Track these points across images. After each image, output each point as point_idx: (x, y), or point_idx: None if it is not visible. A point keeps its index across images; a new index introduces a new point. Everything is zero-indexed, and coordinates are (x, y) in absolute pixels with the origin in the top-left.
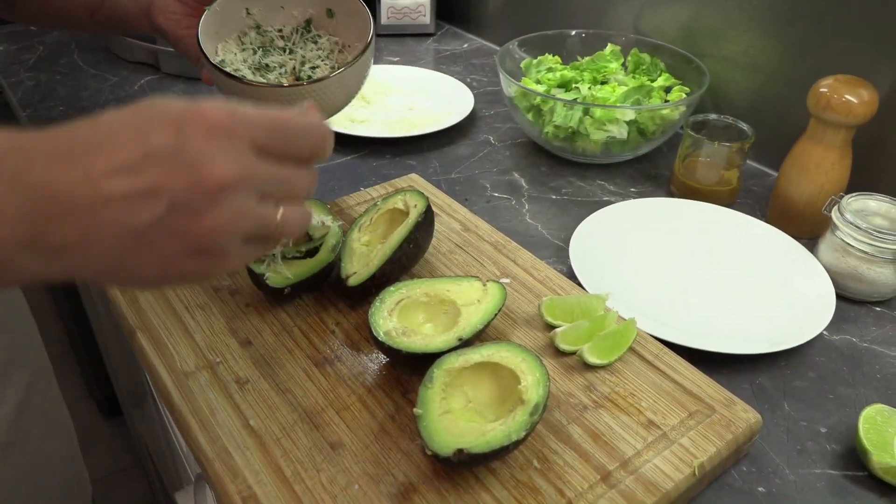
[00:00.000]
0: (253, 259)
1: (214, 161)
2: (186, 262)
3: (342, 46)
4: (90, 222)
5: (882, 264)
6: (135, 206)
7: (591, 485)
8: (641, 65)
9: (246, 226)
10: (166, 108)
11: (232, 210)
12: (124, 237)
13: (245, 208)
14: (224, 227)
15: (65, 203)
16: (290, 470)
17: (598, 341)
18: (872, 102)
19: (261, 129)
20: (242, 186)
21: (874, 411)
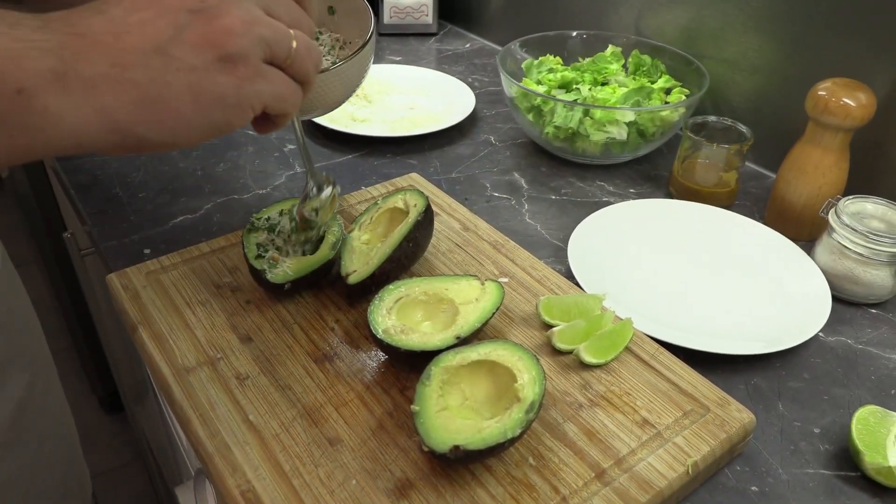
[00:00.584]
0: (282, 95)
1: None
2: (216, 77)
3: (343, 43)
4: (115, 50)
5: (878, 267)
6: (153, 24)
7: (586, 482)
8: (642, 66)
9: (263, 30)
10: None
11: (246, 11)
12: (151, 56)
13: (257, 13)
14: (242, 26)
15: (90, 38)
16: (288, 465)
17: (595, 341)
18: (870, 106)
19: None
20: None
21: (867, 412)
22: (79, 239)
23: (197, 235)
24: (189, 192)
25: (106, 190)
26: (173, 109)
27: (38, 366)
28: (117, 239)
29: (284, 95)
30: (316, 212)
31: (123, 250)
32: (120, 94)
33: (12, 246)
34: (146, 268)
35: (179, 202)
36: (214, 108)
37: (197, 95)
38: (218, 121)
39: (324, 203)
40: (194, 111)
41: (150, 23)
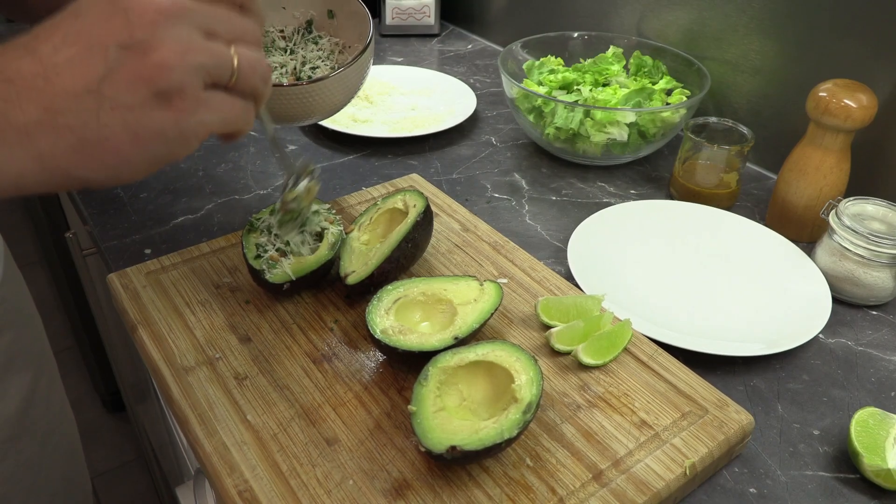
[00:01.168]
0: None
1: None
2: (154, 113)
3: (343, 47)
4: (46, 94)
5: (879, 268)
6: (82, 62)
7: (583, 483)
8: (643, 67)
9: (199, 58)
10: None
11: (178, 40)
12: (84, 98)
13: (191, 38)
14: (175, 58)
15: (20, 83)
16: (286, 465)
17: (593, 342)
18: (871, 107)
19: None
20: (180, 15)
21: (866, 414)
22: (80, 239)
23: (198, 236)
24: (190, 192)
25: (107, 190)
26: (112, 150)
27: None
28: (118, 239)
29: (230, 119)
30: (297, 200)
31: (124, 250)
32: (56, 140)
33: (16, 245)
34: (146, 268)
35: (181, 202)
36: (155, 143)
37: (135, 134)
38: (161, 155)
39: (301, 192)
40: (134, 149)
41: (79, 61)
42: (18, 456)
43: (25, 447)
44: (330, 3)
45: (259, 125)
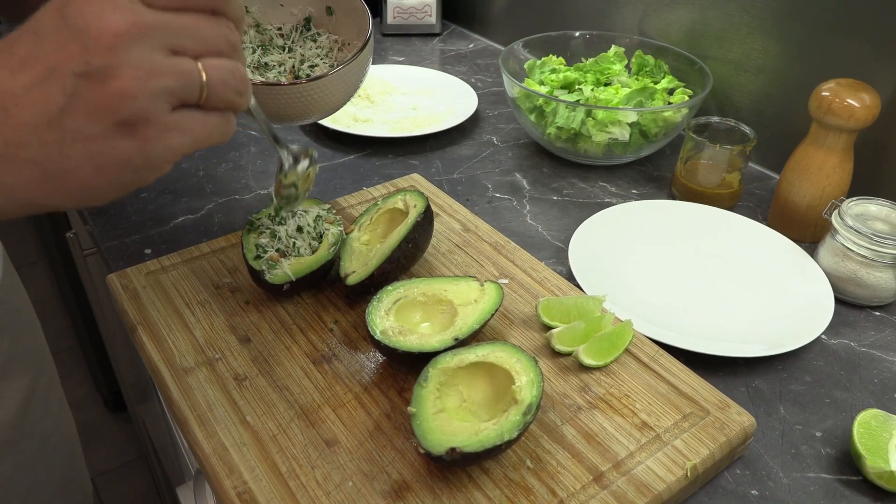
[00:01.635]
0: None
1: (102, 16)
2: (118, 143)
3: (342, 44)
4: (7, 127)
5: (882, 269)
6: (41, 91)
7: (584, 485)
8: (645, 66)
9: (162, 82)
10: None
11: (138, 65)
12: (44, 131)
13: (153, 60)
14: (136, 85)
15: None
16: (285, 466)
17: (594, 343)
18: (874, 106)
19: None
20: (139, 36)
21: (869, 416)
22: (81, 239)
23: (198, 236)
24: (191, 192)
25: None
26: (77, 180)
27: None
28: (119, 239)
29: (203, 137)
30: (295, 186)
31: (125, 250)
32: (20, 173)
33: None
34: (146, 268)
35: (181, 202)
36: (121, 172)
37: (100, 164)
38: (129, 181)
39: (300, 176)
40: (100, 179)
41: (38, 91)
42: (17, 458)
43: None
44: (329, 0)
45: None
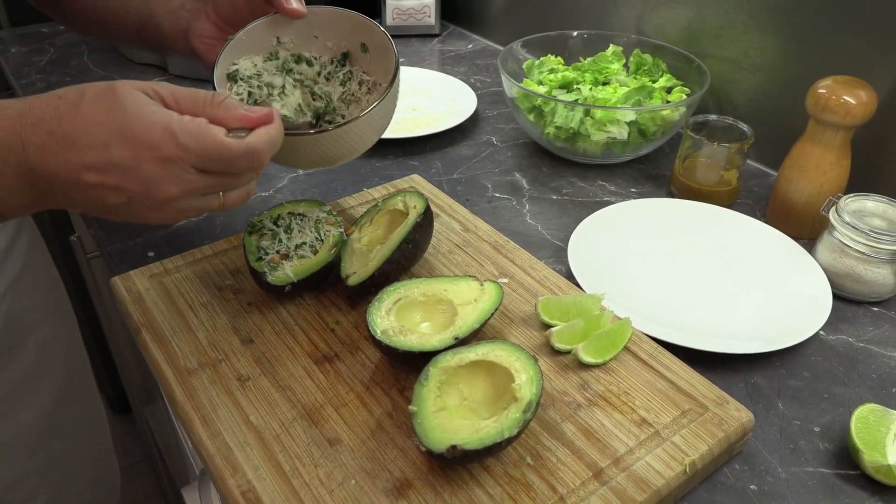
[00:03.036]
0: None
1: (161, 182)
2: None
3: (372, 84)
4: (73, 195)
5: (879, 265)
6: (104, 192)
7: (583, 481)
8: (643, 65)
9: (190, 214)
10: (127, 125)
11: (178, 208)
12: (99, 206)
13: (188, 205)
14: (171, 217)
15: (55, 182)
16: (288, 465)
17: (593, 340)
18: (871, 103)
19: (199, 158)
20: (186, 196)
21: (867, 411)
22: (85, 242)
23: (200, 238)
24: None
25: None
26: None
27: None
28: (122, 242)
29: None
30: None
31: (128, 253)
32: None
33: None
34: (150, 271)
35: None
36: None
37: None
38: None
39: None
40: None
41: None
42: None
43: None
44: (362, 36)
45: None
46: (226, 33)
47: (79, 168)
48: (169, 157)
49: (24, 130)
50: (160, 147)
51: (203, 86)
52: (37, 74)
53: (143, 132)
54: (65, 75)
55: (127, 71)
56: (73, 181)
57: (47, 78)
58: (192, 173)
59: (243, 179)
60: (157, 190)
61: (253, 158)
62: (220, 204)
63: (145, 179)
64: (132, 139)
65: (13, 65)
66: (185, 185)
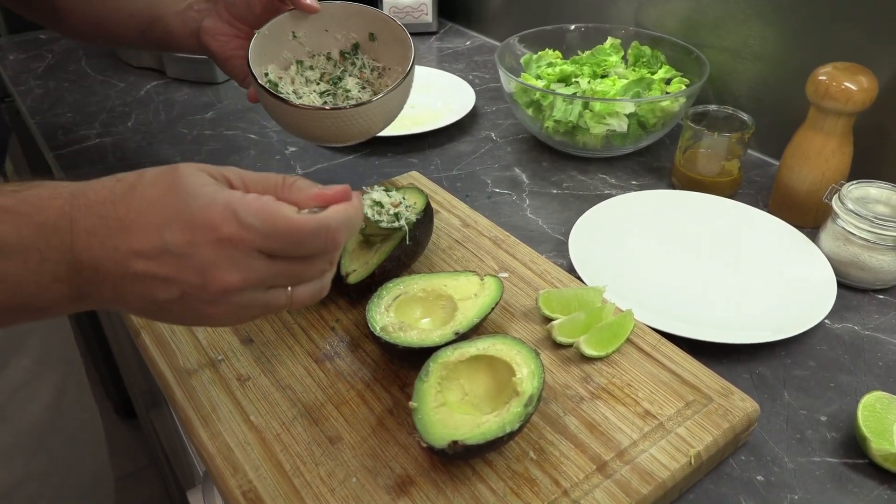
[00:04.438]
0: None
1: (220, 268)
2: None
3: (382, 70)
4: (121, 289)
5: (883, 252)
6: (154, 285)
7: (587, 475)
8: (642, 57)
9: (252, 312)
10: (185, 206)
11: (238, 303)
12: (148, 303)
13: (251, 300)
14: (230, 315)
15: (101, 272)
16: (289, 464)
17: (595, 333)
18: (872, 89)
19: (266, 239)
20: (248, 287)
21: (874, 399)
22: None
23: None
24: None
25: None
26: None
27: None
28: None
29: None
30: None
31: None
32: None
33: None
34: None
35: None
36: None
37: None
38: None
39: None
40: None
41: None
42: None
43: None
44: (372, 27)
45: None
46: (238, 30)
47: (127, 255)
48: (229, 237)
49: (75, 212)
50: (220, 227)
51: (201, 87)
52: (35, 81)
53: (201, 212)
54: (63, 81)
55: (125, 75)
56: (120, 271)
57: (45, 84)
58: (255, 258)
59: (315, 268)
60: (214, 278)
61: (327, 238)
62: (288, 301)
63: (201, 266)
64: (189, 221)
65: (11, 71)
66: (247, 273)
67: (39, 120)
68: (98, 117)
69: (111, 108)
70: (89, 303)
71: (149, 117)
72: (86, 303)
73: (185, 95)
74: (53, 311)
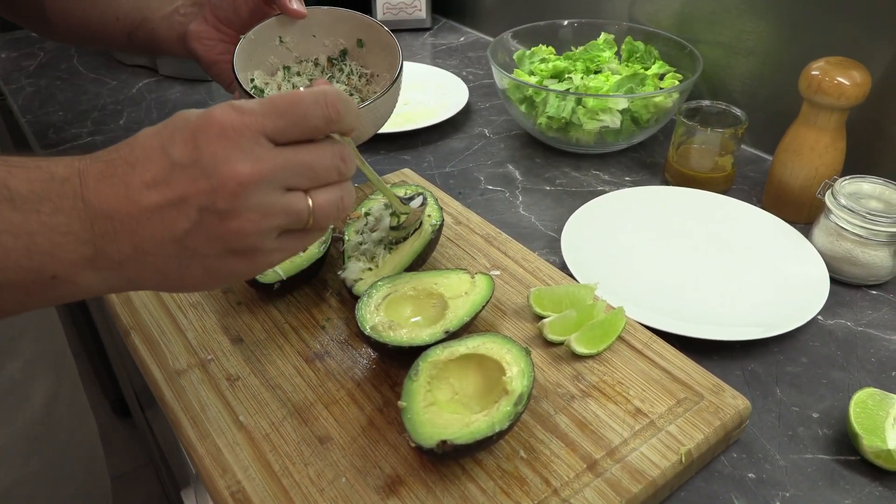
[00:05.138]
0: (300, 250)
1: (230, 162)
2: (229, 263)
3: (370, 76)
4: (137, 236)
5: (877, 247)
6: (170, 214)
7: (578, 474)
8: (635, 53)
9: (274, 221)
10: (183, 121)
11: (257, 208)
12: (168, 245)
13: (269, 203)
14: (251, 227)
15: (115, 219)
16: (278, 465)
17: (586, 331)
18: (864, 84)
19: (268, 118)
20: (262, 182)
21: (865, 395)
22: None
23: None
24: None
25: None
26: (188, 282)
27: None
28: None
29: (302, 249)
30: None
31: None
32: (143, 272)
33: None
34: None
35: None
36: (227, 279)
37: (211, 274)
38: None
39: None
40: (208, 282)
41: (167, 213)
42: (44, 455)
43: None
44: (359, 33)
45: None
46: (225, 35)
47: (138, 190)
48: (232, 126)
49: (83, 164)
50: (220, 120)
51: (194, 85)
52: (27, 79)
53: (200, 117)
54: (54, 79)
55: (117, 73)
56: (135, 211)
57: (37, 82)
58: (262, 144)
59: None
60: (225, 174)
61: (326, 104)
62: (309, 209)
63: (211, 166)
64: (190, 129)
65: (3, 70)
66: (257, 162)
67: (31, 118)
68: (90, 115)
69: (103, 107)
70: (107, 266)
71: (141, 115)
72: (103, 267)
73: (177, 93)
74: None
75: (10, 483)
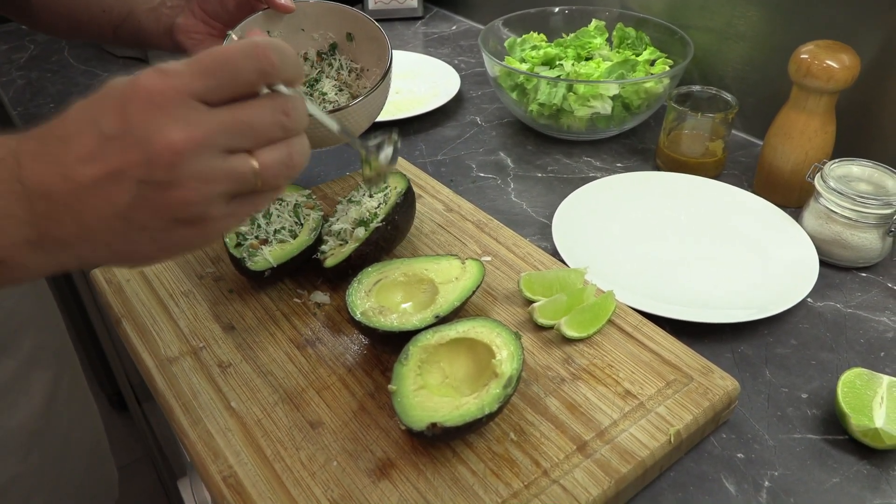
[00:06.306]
0: (255, 212)
1: (161, 130)
2: (179, 233)
3: (360, 71)
4: (79, 214)
5: (866, 230)
6: (108, 188)
7: (567, 455)
8: (626, 39)
9: (218, 188)
10: (112, 90)
11: (197, 176)
12: (112, 221)
13: (210, 169)
14: (194, 195)
15: (53, 198)
16: (270, 450)
17: (576, 314)
18: (853, 67)
19: (197, 78)
20: (198, 147)
21: (853, 375)
22: None
23: None
24: None
25: None
26: (142, 255)
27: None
28: None
29: (255, 211)
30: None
31: None
32: (93, 249)
33: None
34: None
35: None
36: (180, 249)
37: (162, 246)
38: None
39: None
40: (161, 254)
41: (105, 187)
42: (45, 449)
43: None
44: (348, 26)
45: None
46: (212, 28)
47: (72, 165)
48: (159, 90)
49: (17, 144)
50: (146, 86)
51: None
52: (17, 71)
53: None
54: (45, 71)
55: (108, 65)
56: (72, 189)
57: (28, 75)
58: (194, 107)
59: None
60: (158, 143)
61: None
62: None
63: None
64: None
65: None
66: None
67: (21, 111)
68: None
69: None
70: (54, 246)
71: None
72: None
73: None
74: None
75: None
